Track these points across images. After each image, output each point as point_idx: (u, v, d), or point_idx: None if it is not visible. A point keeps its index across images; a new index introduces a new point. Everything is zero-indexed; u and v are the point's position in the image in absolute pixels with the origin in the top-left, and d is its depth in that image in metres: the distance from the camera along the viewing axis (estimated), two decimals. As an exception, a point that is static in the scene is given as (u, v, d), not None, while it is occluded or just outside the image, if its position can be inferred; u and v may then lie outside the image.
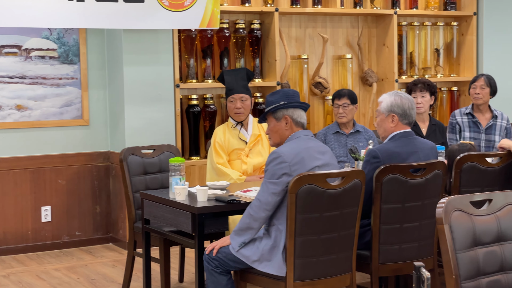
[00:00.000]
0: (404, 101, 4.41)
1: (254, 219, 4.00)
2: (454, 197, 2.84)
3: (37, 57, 6.52)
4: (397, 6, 7.63)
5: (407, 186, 4.24)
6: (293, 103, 4.15)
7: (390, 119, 4.41)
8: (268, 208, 3.96)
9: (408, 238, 4.33)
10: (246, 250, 4.03)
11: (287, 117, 4.14)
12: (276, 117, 4.16)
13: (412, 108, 4.42)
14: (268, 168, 4.00)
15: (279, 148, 4.04)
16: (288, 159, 3.95)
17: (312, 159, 4.02)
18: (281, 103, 4.14)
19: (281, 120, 4.14)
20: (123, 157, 5.28)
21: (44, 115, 6.56)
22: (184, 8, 6.34)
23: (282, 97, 4.16)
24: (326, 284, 4.06)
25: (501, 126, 6.04)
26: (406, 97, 4.44)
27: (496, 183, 4.74)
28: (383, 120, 4.44)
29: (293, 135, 4.13)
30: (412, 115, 4.43)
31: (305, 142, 4.09)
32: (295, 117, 4.15)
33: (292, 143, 4.07)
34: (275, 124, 4.17)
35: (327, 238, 3.98)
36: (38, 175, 6.55)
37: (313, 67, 7.42)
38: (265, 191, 3.96)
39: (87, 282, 5.66)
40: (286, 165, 3.94)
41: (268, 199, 3.95)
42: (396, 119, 4.39)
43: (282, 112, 4.14)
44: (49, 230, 6.62)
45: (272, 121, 4.18)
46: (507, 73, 8.02)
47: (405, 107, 4.40)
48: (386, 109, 4.42)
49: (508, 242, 2.88)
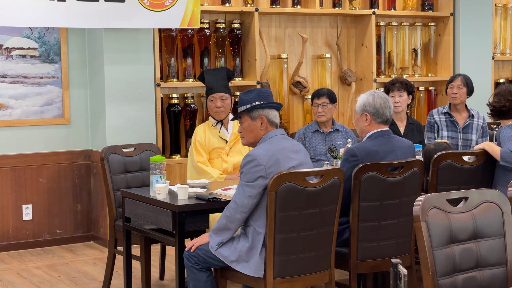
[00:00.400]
0: (377, 100, 4.42)
1: (230, 221, 4.00)
2: (431, 195, 2.86)
3: (18, 56, 6.49)
4: (375, 7, 7.66)
5: (385, 184, 4.26)
6: (269, 104, 4.15)
7: (364, 118, 4.44)
8: (244, 210, 3.96)
9: (386, 235, 4.35)
10: (224, 249, 4.04)
11: (263, 117, 4.13)
12: (252, 117, 4.14)
13: (385, 107, 4.42)
14: (243, 170, 3.99)
15: (254, 150, 4.02)
16: (263, 161, 3.94)
17: (286, 160, 4.02)
18: (257, 103, 4.12)
19: (257, 120, 4.13)
20: (104, 156, 5.27)
21: (25, 114, 6.53)
22: (165, 7, 6.33)
23: (257, 97, 4.14)
24: (305, 281, 4.07)
25: (478, 125, 6.08)
26: (379, 96, 4.44)
27: (472, 181, 4.78)
28: (358, 119, 4.48)
29: (267, 135, 4.12)
30: (386, 114, 4.43)
31: (279, 142, 4.08)
32: (270, 117, 4.14)
33: (266, 145, 4.06)
34: (250, 124, 4.15)
35: (306, 236, 4.00)
36: (19, 174, 6.51)
37: (293, 66, 7.43)
38: (241, 193, 3.96)
39: (68, 280, 5.64)
40: (261, 168, 3.94)
41: (244, 202, 3.95)
42: (369, 118, 4.41)
43: (258, 112, 4.13)
44: (30, 229, 6.59)
45: (247, 120, 4.16)
46: (483, 72, 8.08)
47: (377, 106, 4.41)
48: (360, 108, 4.46)
49: (484, 239, 2.91)
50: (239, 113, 4.17)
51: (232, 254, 4.01)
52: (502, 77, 8.55)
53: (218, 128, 5.45)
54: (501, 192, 3.03)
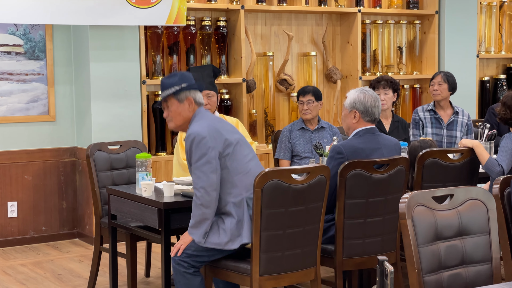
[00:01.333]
0: (368, 98, 4.43)
1: (205, 207, 3.97)
2: (417, 192, 2.87)
3: (3, 53, 6.45)
4: (361, 5, 7.66)
5: (371, 181, 4.26)
6: (194, 85, 4.16)
7: (352, 115, 4.44)
8: (215, 187, 3.96)
9: (371, 232, 4.35)
10: (213, 237, 4.01)
11: (190, 98, 4.13)
12: (179, 99, 4.13)
13: (375, 106, 4.44)
14: (191, 153, 3.99)
15: (190, 130, 4.03)
16: (204, 134, 3.97)
17: (227, 132, 4.07)
18: (183, 85, 4.12)
19: (184, 102, 4.13)
20: (90, 153, 5.24)
21: (10, 111, 6.49)
22: (151, 4, 6.31)
23: (181, 79, 4.14)
24: (291, 278, 4.07)
25: (462, 122, 6.10)
26: (370, 94, 4.45)
27: (458, 179, 4.79)
28: (346, 115, 4.48)
29: (195, 114, 4.14)
30: (375, 113, 4.45)
31: (210, 115, 4.15)
32: (197, 98, 4.17)
33: (199, 121, 4.08)
34: (178, 106, 4.13)
35: (292, 233, 3.99)
36: (4, 171, 6.48)
37: (279, 64, 7.43)
38: (204, 175, 3.95)
39: (54, 278, 5.62)
40: (206, 140, 3.96)
41: (212, 180, 3.95)
42: (358, 115, 4.42)
43: (185, 93, 4.13)
44: (15, 226, 6.55)
45: (174, 103, 4.14)
46: (467, 70, 8.10)
47: (367, 105, 4.42)
48: (349, 104, 4.45)
49: (469, 236, 2.92)
50: (165, 97, 4.15)
51: (223, 237, 3.99)
52: (487, 75, 8.58)
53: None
54: None
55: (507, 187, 3.42)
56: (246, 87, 7.02)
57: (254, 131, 7.19)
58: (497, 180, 3.42)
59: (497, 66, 8.73)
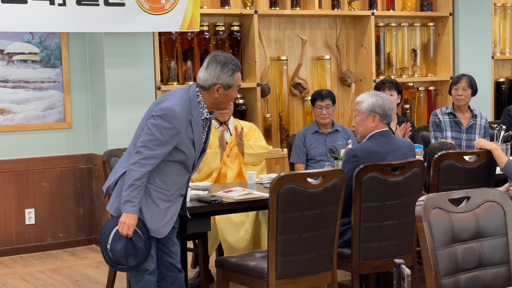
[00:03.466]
0: (386, 102, 4.43)
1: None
2: (433, 195, 2.85)
3: (20, 61, 6.48)
4: (374, 8, 7.64)
5: (386, 184, 4.25)
6: None
7: (371, 119, 4.43)
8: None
9: (387, 235, 4.34)
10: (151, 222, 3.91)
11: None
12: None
13: (391, 109, 4.45)
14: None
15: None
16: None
17: None
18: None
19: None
20: (106, 159, 5.25)
21: (27, 119, 6.52)
22: (165, 11, 6.32)
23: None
24: (308, 282, 4.06)
25: (481, 125, 6.07)
26: (386, 97, 4.46)
27: (474, 181, 4.77)
28: (364, 119, 4.45)
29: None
30: (392, 116, 4.46)
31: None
32: None
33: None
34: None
35: (308, 237, 3.99)
36: (21, 178, 6.50)
37: (292, 68, 7.42)
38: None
39: (71, 284, 5.63)
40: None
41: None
42: (377, 119, 4.41)
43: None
44: (33, 233, 6.57)
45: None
46: (482, 72, 8.06)
47: (386, 108, 4.42)
48: (367, 109, 4.43)
49: (486, 238, 2.90)
50: None
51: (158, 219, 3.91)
52: (502, 76, 8.53)
53: (220, 131, 5.44)
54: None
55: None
56: (260, 91, 7.02)
57: (269, 135, 7.18)
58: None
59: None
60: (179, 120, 3.77)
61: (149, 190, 3.86)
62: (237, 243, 5.07)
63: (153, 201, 3.86)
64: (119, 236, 3.83)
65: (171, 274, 4.07)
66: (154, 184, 3.87)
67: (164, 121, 3.76)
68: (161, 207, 3.87)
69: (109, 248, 3.87)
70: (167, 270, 4.06)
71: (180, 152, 3.84)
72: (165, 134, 3.76)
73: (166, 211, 3.88)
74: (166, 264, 4.06)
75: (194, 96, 3.86)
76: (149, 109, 3.92)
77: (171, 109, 3.77)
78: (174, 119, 3.76)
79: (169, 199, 3.89)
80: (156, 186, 3.87)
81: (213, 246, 5.22)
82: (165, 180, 3.87)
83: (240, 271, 4.10)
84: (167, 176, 3.87)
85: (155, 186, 3.87)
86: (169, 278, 4.07)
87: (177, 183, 3.90)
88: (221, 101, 3.91)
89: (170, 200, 3.89)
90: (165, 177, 3.86)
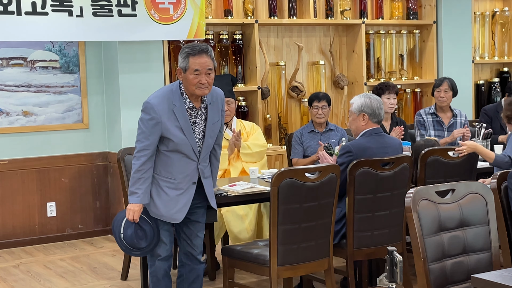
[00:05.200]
0: (373, 101, 4.43)
1: None
2: (421, 188, 2.85)
3: (41, 68, 6.48)
4: (364, 17, 7.64)
5: (378, 178, 4.25)
6: None
7: (361, 118, 4.43)
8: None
9: (379, 225, 4.34)
10: (158, 209, 3.92)
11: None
12: None
13: (380, 108, 4.44)
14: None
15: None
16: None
17: None
18: None
19: None
20: (120, 157, 5.25)
21: (48, 120, 6.52)
22: (173, 21, 6.31)
23: None
24: (307, 268, 4.07)
25: (461, 123, 6.07)
26: (374, 98, 4.47)
27: (458, 175, 4.77)
28: (355, 119, 4.46)
29: None
30: (381, 114, 4.45)
31: None
32: None
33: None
34: None
35: (306, 227, 3.99)
36: (43, 174, 6.50)
37: (290, 72, 7.41)
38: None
39: (90, 271, 5.63)
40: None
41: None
42: (367, 118, 4.42)
43: None
44: (54, 224, 6.58)
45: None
46: (464, 75, 8.05)
47: (374, 107, 4.42)
48: (357, 109, 4.44)
49: (470, 227, 2.90)
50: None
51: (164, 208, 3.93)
52: (482, 79, 8.52)
53: (223, 129, 5.44)
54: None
55: (504, 181, 3.40)
56: (261, 94, 7.01)
57: (269, 134, 7.18)
58: (495, 175, 3.40)
59: (490, 70, 8.67)
60: (157, 111, 3.80)
61: (157, 181, 3.88)
62: (242, 234, 5.07)
63: (162, 190, 3.88)
64: (128, 224, 3.88)
65: (190, 263, 4.06)
66: (161, 174, 3.88)
67: (144, 113, 3.86)
68: (171, 195, 3.87)
69: (122, 236, 3.89)
70: (187, 259, 4.06)
71: (169, 140, 3.83)
72: (147, 125, 3.83)
73: (177, 199, 3.88)
74: (188, 253, 4.05)
75: (176, 88, 3.88)
76: None
77: (148, 102, 3.85)
78: (151, 110, 3.81)
79: (178, 187, 3.88)
80: (163, 176, 3.88)
81: (219, 236, 5.22)
82: (169, 170, 3.88)
83: (244, 258, 4.10)
84: (170, 166, 3.87)
85: (162, 177, 3.88)
86: (188, 267, 4.07)
87: (182, 171, 3.88)
88: (186, 86, 3.86)
89: (179, 188, 3.88)
90: (169, 167, 3.88)
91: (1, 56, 6.33)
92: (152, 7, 6.17)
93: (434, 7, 7.94)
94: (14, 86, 6.38)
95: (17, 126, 6.40)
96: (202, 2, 6.41)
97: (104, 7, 5.97)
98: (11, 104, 6.37)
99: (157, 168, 3.88)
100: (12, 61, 6.37)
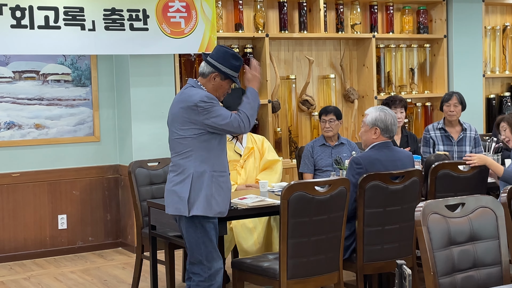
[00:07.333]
0: (388, 117, 4.42)
1: None
2: (431, 202, 2.84)
3: (53, 81, 6.51)
4: (375, 31, 7.64)
5: (388, 192, 4.24)
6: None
7: (373, 131, 4.42)
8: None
9: (389, 239, 4.32)
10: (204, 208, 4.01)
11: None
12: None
13: (394, 124, 4.43)
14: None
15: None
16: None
17: None
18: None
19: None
20: (131, 170, 5.26)
21: (60, 133, 6.55)
22: (184, 35, 6.34)
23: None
24: (316, 281, 4.05)
25: (471, 137, 6.04)
26: (390, 113, 4.45)
27: (468, 189, 4.74)
28: (367, 131, 4.45)
29: None
30: (393, 130, 4.44)
31: None
32: None
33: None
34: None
35: (316, 240, 3.98)
36: (55, 187, 6.52)
37: (300, 86, 7.42)
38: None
39: (100, 283, 5.63)
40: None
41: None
42: (378, 132, 4.40)
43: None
44: (65, 236, 6.59)
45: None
46: (474, 89, 8.03)
47: (388, 123, 4.40)
48: (370, 122, 4.43)
49: (480, 241, 2.89)
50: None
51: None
52: (493, 93, 8.50)
53: (234, 143, 5.44)
54: None
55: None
56: (271, 107, 7.02)
57: (279, 147, 7.18)
58: (505, 189, 3.39)
59: (501, 84, 8.65)
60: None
61: (216, 178, 3.97)
62: (251, 247, 5.06)
63: (220, 187, 3.99)
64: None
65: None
66: (217, 170, 3.99)
67: (207, 98, 4.09)
68: (227, 188, 4.03)
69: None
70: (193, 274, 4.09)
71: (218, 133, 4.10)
72: (216, 103, 4.16)
73: (229, 190, 4.06)
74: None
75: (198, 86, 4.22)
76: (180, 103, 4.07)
77: (207, 95, 4.13)
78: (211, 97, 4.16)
79: (228, 180, 4.06)
80: (219, 171, 4.00)
81: (229, 249, 5.21)
82: (222, 163, 4.03)
83: (254, 271, 4.09)
84: (223, 158, 4.04)
85: (218, 172, 3.99)
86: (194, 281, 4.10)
87: (227, 163, 4.08)
88: (213, 89, 4.25)
89: (229, 180, 4.07)
90: (221, 159, 4.02)
91: (14, 70, 6.37)
92: (163, 21, 6.20)
93: (445, 21, 7.94)
94: (27, 99, 6.41)
95: (29, 139, 6.43)
96: (213, 16, 6.43)
97: (116, 21, 6.00)
98: (23, 117, 6.40)
99: (213, 166, 3.97)
100: (24, 74, 6.41)
